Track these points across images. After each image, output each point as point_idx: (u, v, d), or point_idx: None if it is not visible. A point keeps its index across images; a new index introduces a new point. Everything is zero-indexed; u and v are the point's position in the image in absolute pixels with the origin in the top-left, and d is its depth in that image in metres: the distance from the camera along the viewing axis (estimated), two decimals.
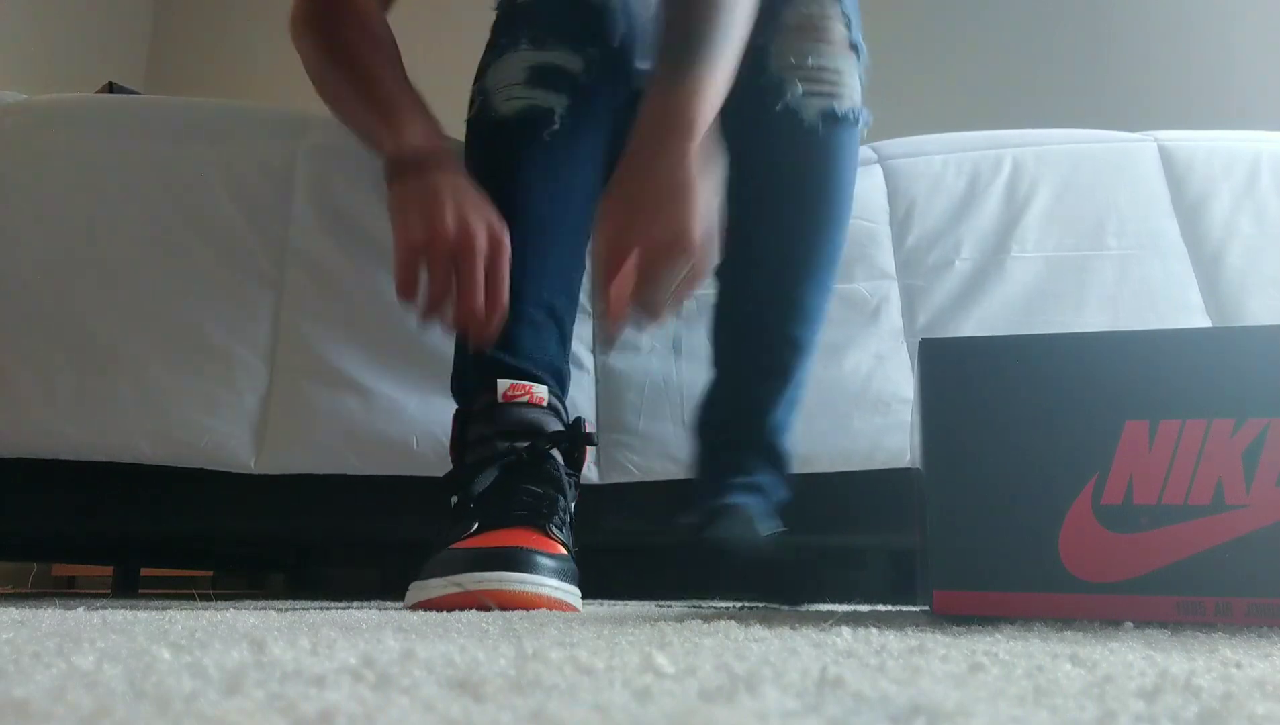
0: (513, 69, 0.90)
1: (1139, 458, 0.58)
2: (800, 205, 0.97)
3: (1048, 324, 1.18)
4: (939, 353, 0.63)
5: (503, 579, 0.71)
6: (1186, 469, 0.57)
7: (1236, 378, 0.58)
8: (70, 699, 0.23)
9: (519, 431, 0.84)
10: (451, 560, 0.74)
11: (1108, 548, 0.58)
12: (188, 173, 1.16)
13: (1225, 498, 0.56)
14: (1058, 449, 0.59)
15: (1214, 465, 0.57)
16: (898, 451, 1.13)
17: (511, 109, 0.89)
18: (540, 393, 0.85)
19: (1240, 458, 0.56)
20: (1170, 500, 0.57)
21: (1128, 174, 1.27)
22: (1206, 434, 0.57)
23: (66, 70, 3.09)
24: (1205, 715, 0.24)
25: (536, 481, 0.82)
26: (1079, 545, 0.58)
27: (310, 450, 1.09)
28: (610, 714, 0.22)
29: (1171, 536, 0.57)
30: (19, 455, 1.07)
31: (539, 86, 0.89)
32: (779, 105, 0.94)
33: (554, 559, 0.75)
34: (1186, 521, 0.57)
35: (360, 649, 0.36)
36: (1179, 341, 0.61)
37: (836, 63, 0.94)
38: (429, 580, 0.74)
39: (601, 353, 1.03)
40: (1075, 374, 0.60)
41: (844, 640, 0.43)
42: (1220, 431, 0.57)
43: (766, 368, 0.97)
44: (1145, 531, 0.57)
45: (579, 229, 0.93)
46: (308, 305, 1.14)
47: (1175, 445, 0.57)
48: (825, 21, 0.94)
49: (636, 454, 1.12)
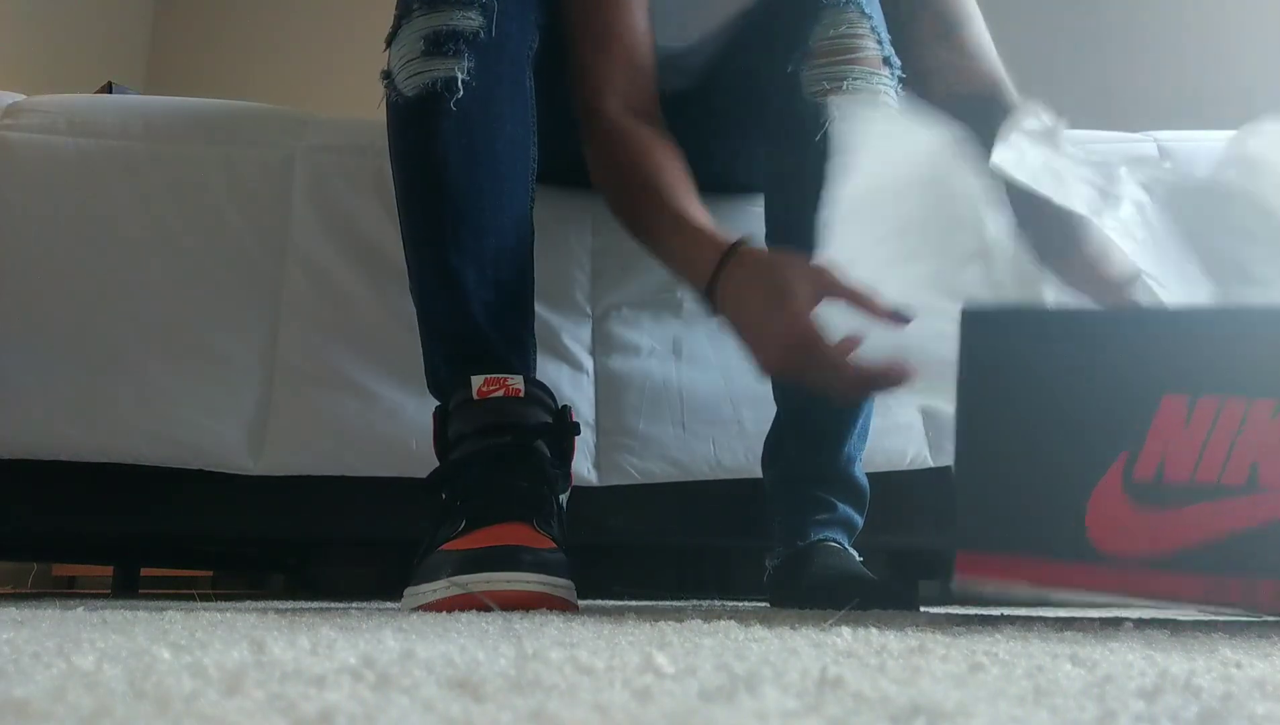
0: (410, 42, 0.85)
1: (1174, 433, 0.56)
2: None
3: None
4: (982, 319, 0.63)
5: (493, 579, 0.70)
6: (1222, 448, 0.56)
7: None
8: (70, 699, 0.23)
9: (499, 427, 0.82)
10: (443, 562, 0.73)
11: (1135, 522, 0.56)
12: (187, 173, 1.16)
13: (1260, 480, 0.55)
14: (1093, 419, 0.58)
15: (1251, 446, 0.55)
16: (897, 453, 1.13)
17: (413, 87, 0.85)
18: (516, 383, 0.83)
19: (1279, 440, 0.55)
20: (1203, 479, 0.56)
21: None
22: (1246, 414, 0.55)
23: (66, 70, 3.09)
24: (1205, 715, 0.24)
25: (522, 475, 0.81)
26: (1105, 518, 0.57)
27: (309, 451, 1.09)
28: (610, 714, 0.22)
29: (1201, 516, 0.55)
30: (19, 455, 1.07)
31: (436, 55, 0.84)
32: (818, 135, 0.89)
33: (544, 553, 0.74)
34: (1217, 501, 0.55)
35: (360, 649, 0.36)
36: (1224, 318, 0.60)
37: (872, 83, 0.90)
38: (420, 585, 0.74)
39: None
40: (1116, 346, 0.59)
41: (844, 640, 0.43)
42: (1260, 412, 0.55)
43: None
44: (1174, 509, 0.56)
45: (514, 191, 0.90)
46: (307, 306, 1.14)
47: (1213, 423, 0.56)
48: (856, 40, 0.90)
49: (636, 456, 1.12)
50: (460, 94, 0.83)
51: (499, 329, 0.86)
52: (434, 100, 0.84)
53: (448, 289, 0.86)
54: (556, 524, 0.81)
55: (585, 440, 1.12)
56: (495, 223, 0.88)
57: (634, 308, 1.18)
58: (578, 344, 1.16)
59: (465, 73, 0.83)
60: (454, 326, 0.86)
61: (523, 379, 0.83)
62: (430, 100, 0.84)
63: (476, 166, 0.87)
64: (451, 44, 0.84)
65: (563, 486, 0.86)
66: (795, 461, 0.96)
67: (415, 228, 0.88)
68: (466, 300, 0.85)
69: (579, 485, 1.10)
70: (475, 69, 0.84)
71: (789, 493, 0.96)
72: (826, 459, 0.95)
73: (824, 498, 0.94)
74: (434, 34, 0.84)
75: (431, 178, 0.86)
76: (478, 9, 0.84)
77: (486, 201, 0.88)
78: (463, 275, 0.85)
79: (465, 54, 0.84)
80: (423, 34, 0.84)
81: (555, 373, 1.13)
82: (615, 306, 1.18)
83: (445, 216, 0.85)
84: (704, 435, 1.13)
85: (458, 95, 0.83)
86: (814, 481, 0.95)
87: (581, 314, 1.18)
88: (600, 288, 1.19)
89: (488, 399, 0.82)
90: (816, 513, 0.93)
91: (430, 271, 0.88)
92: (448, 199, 0.85)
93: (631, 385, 1.15)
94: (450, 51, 0.84)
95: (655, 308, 1.18)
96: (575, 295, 1.18)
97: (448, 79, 0.83)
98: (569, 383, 1.14)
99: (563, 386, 1.13)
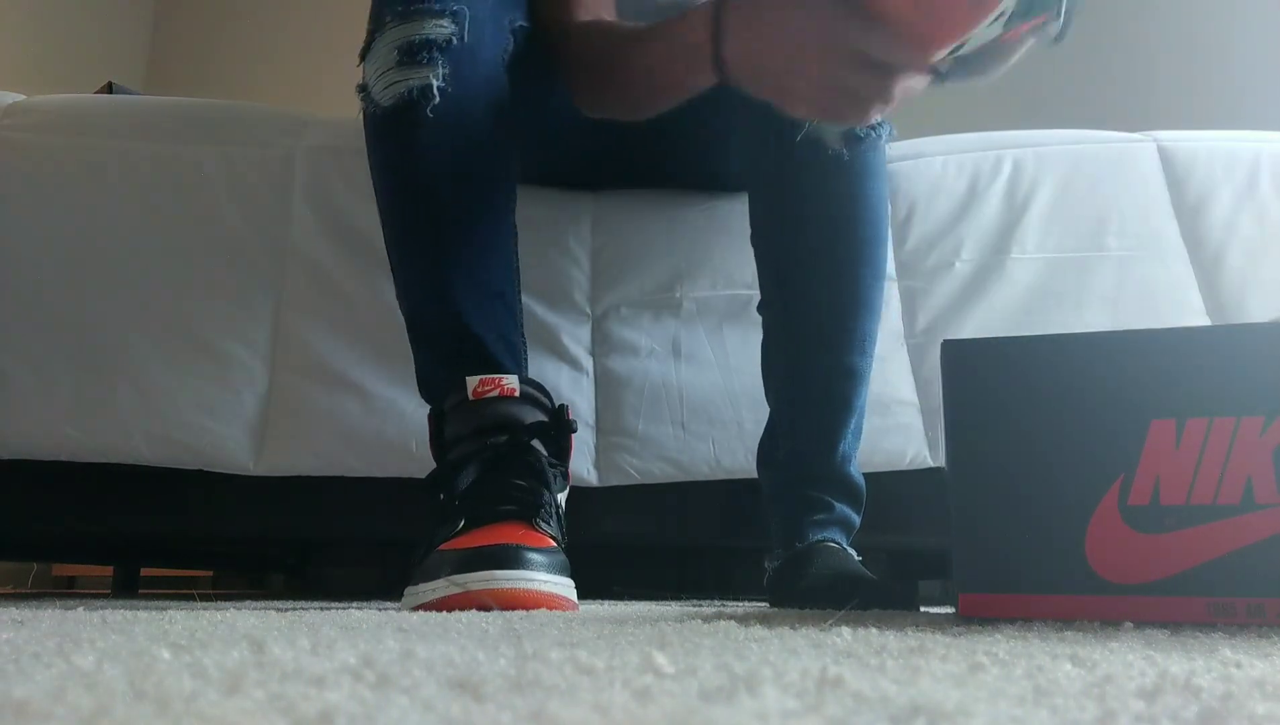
0: (384, 54, 0.85)
1: (1166, 457, 0.57)
2: (840, 234, 0.94)
3: (1048, 325, 1.17)
4: (962, 354, 0.63)
5: (492, 578, 0.70)
6: (1215, 468, 0.56)
7: (1265, 375, 0.56)
8: (70, 699, 0.23)
9: (495, 427, 0.83)
10: (441, 562, 0.73)
11: (1135, 549, 0.57)
12: (188, 173, 1.16)
13: (1255, 497, 0.55)
14: (1083, 449, 0.58)
15: (1243, 464, 0.55)
16: (896, 454, 1.13)
17: (389, 98, 0.85)
18: (510, 383, 0.83)
19: (1271, 456, 0.55)
20: (1199, 500, 0.56)
21: (1127, 175, 1.27)
22: (1235, 432, 0.56)
23: (66, 70, 3.09)
24: (1205, 715, 0.24)
25: (519, 475, 0.81)
26: (1106, 546, 0.57)
27: (309, 452, 1.09)
28: (610, 714, 0.22)
29: (1201, 537, 0.56)
30: (19, 456, 1.07)
31: (410, 65, 0.84)
32: (799, 136, 0.90)
33: (543, 553, 0.74)
34: (1216, 521, 0.56)
35: (360, 649, 0.36)
36: (1205, 339, 0.60)
37: None
38: (420, 585, 0.74)
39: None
40: (1100, 373, 0.59)
41: (844, 640, 0.43)
42: (1249, 430, 0.56)
43: (829, 402, 0.95)
44: (1173, 532, 0.56)
45: (495, 195, 0.90)
46: (307, 306, 1.14)
47: (1203, 444, 0.56)
48: None
49: (635, 457, 1.12)
50: (436, 100, 0.83)
51: (490, 330, 0.87)
52: (411, 109, 0.84)
53: (435, 294, 0.86)
54: (555, 523, 0.81)
55: (585, 441, 1.12)
56: (478, 226, 0.88)
57: (633, 308, 1.18)
58: (577, 344, 1.16)
59: (441, 80, 0.83)
60: (444, 330, 0.87)
61: (517, 378, 0.84)
62: (407, 109, 0.84)
63: (456, 172, 0.87)
64: (425, 52, 0.84)
65: (560, 485, 0.86)
66: (790, 463, 0.96)
67: (398, 235, 0.89)
68: (455, 304, 0.85)
69: (579, 486, 1.10)
70: (450, 75, 0.84)
71: (785, 494, 0.96)
72: (821, 459, 0.95)
73: (821, 498, 0.93)
74: (407, 44, 0.84)
75: (413, 185, 0.86)
76: (449, 16, 0.84)
77: (467, 206, 0.88)
78: (449, 280, 0.85)
79: (440, 61, 0.84)
80: (396, 44, 0.84)
81: (555, 373, 1.13)
82: (615, 307, 1.18)
83: (428, 223, 0.85)
84: (703, 435, 1.13)
85: (434, 102, 0.83)
86: (810, 482, 0.94)
87: (581, 314, 1.18)
88: (599, 288, 1.19)
89: (483, 399, 0.83)
90: (814, 513, 0.93)
91: (416, 278, 0.88)
92: (429, 205, 0.86)
93: (631, 385, 1.15)
94: (424, 60, 0.84)
95: (655, 308, 1.18)
96: (574, 295, 1.18)
97: (423, 87, 0.83)
98: (568, 383, 1.14)
99: (562, 387, 1.13)
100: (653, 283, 1.18)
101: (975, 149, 1.28)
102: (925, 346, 1.18)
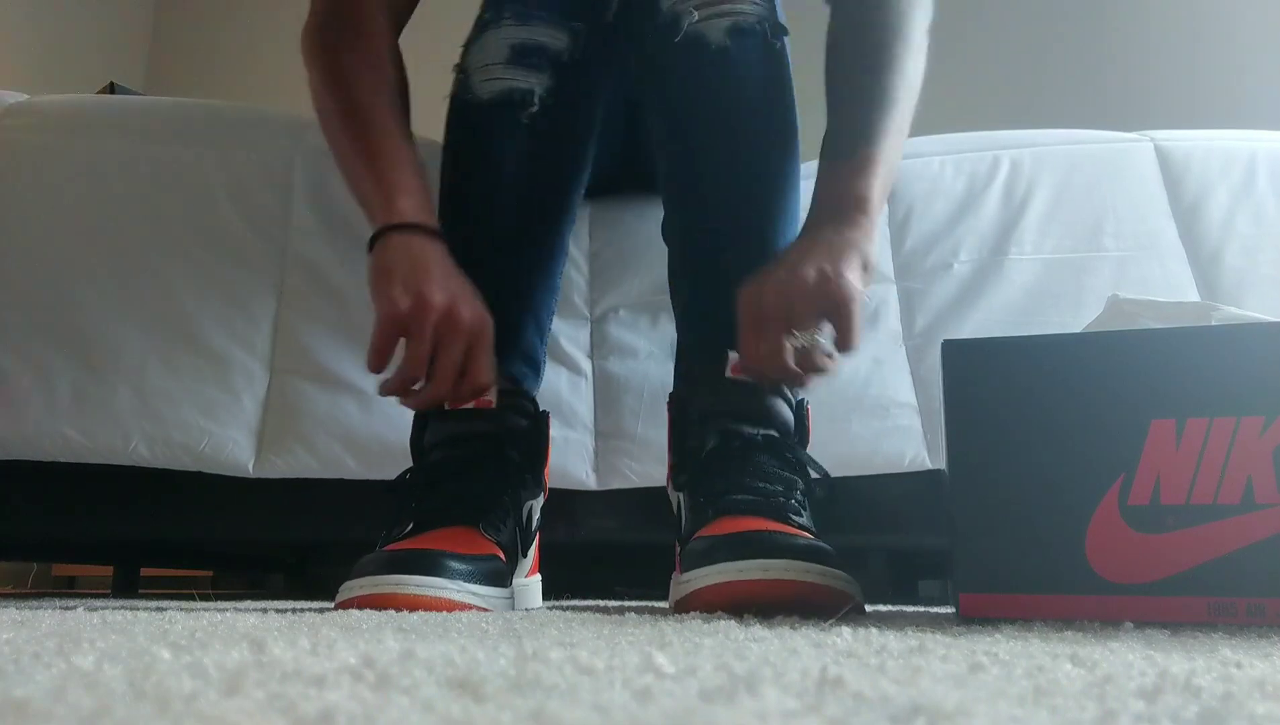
0: (494, 47, 0.86)
1: (1166, 457, 0.57)
2: (738, 131, 0.86)
3: (1046, 326, 1.17)
4: (962, 354, 0.63)
5: (401, 582, 0.71)
6: (1215, 468, 0.56)
7: (1265, 375, 0.57)
8: (70, 699, 0.23)
9: (466, 437, 0.84)
10: (372, 561, 0.74)
11: (1136, 549, 0.57)
12: (187, 174, 1.16)
13: (1256, 497, 0.55)
14: (1083, 449, 0.59)
15: (1243, 464, 0.56)
16: (896, 455, 1.13)
17: (489, 91, 0.86)
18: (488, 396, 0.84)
19: (1271, 456, 0.55)
20: (1199, 500, 0.56)
21: (1125, 174, 1.27)
22: (1235, 432, 0.56)
23: (66, 70, 3.09)
24: (1205, 715, 0.24)
25: (478, 480, 0.82)
26: (1107, 547, 0.57)
27: (309, 454, 1.09)
28: (610, 714, 0.22)
29: (1201, 536, 0.56)
30: (19, 457, 1.07)
31: (519, 66, 0.85)
32: (679, 36, 0.83)
33: (468, 560, 0.74)
34: (1216, 521, 0.56)
35: (360, 649, 0.36)
36: (1205, 338, 0.60)
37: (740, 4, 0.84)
38: (350, 581, 0.75)
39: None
40: (1100, 373, 0.59)
41: (844, 640, 0.43)
42: (1249, 429, 0.56)
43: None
44: (1174, 532, 0.56)
45: (558, 213, 0.91)
46: (307, 309, 1.13)
47: (1203, 444, 0.56)
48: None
49: (634, 460, 1.12)
50: (535, 108, 0.85)
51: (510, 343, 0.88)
52: (508, 109, 0.85)
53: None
54: (511, 528, 0.82)
55: (584, 444, 1.12)
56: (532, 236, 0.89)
57: (632, 310, 1.18)
58: (576, 347, 1.16)
59: (542, 89, 0.85)
60: None
61: (495, 391, 0.84)
62: (503, 107, 0.85)
63: (532, 183, 0.88)
64: (536, 57, 0.85)
65: (533, 492, 0.87)
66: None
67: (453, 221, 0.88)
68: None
69: (578, 489, 1.10)
70: (553, 88, 0.85)
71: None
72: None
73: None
74: (521, 45, 0.85)
75: (485, 181, 0.87)
76: (567, 31, 0.85)
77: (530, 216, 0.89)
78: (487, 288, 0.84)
79: (547, 71, 0.85)
80: (510, 41, 0.86)
81: (554, 376, 1.12)
82: (613, 309, 1.18)
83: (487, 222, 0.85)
84: None
85: (532, 109, 0.85)
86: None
87: (580, 317, 1.18)
88: (598, 291, 1.19)
89: (460, 409, 0.84)
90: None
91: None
92: (496, 206, 0.86)
93: (630, 388, 1.15)
94: (534, 65, 0.85)
95: (653, 310, 1.18)
96: (573, 298, 1.18)
97: (525, 91, 0.85)
98: (568, 386, 1.14)
99: (561, 390, 1.13)
100: (651, 285, 1.18)
101: (972, 149, 1.28)
102: (923, 348, 1.18)
